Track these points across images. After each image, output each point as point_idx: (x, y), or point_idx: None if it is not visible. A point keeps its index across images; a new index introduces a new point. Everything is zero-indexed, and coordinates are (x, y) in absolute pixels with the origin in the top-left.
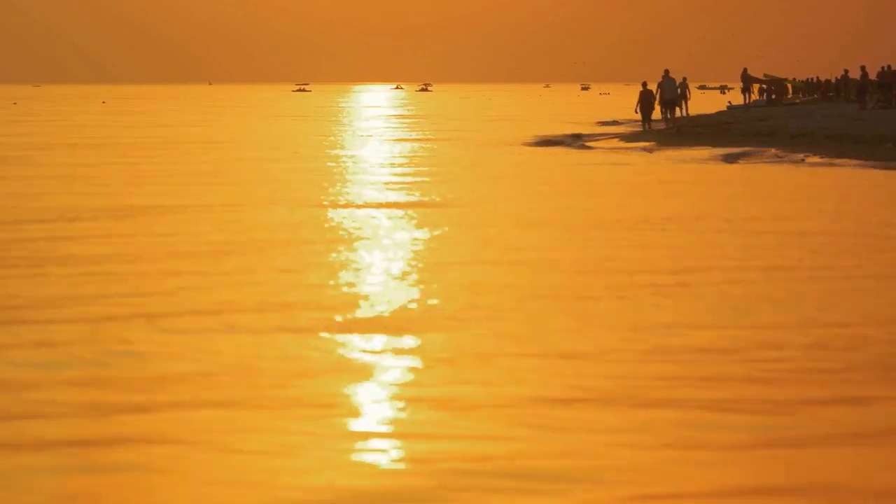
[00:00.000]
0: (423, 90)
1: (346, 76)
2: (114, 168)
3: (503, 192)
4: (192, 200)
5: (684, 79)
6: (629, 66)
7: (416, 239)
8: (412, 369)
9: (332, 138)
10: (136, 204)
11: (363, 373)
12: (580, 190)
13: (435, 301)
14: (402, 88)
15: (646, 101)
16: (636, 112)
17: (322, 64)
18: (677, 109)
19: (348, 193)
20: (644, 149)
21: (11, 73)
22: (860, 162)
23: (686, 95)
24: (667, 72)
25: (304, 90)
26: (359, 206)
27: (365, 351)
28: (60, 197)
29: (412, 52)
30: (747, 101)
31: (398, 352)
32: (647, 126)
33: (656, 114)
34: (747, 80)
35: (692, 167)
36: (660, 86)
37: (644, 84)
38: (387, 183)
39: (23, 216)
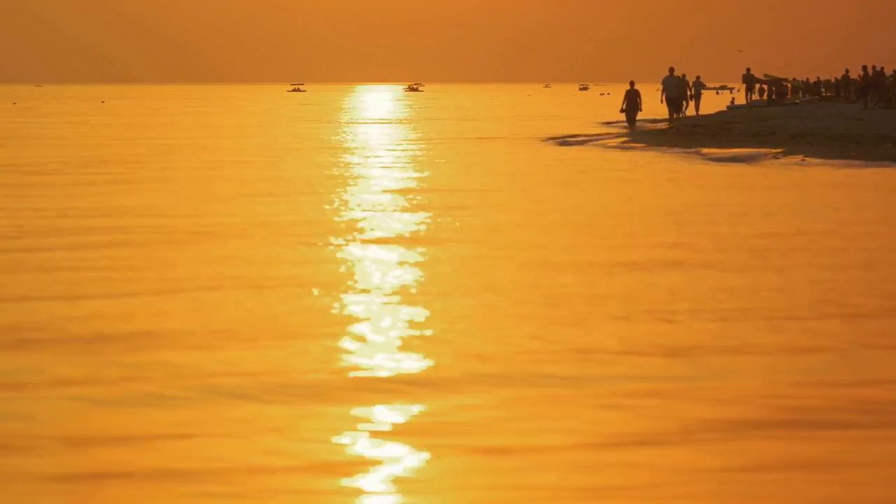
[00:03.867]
0: (413, 90)
1: (335, 76)
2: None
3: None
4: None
5: (697, 77)
6: (628, 65)
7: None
8: None
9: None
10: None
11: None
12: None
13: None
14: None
15: (631, 102)
16: (621, 112)
17: (318, 64)
18: (690, 108)
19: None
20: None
21: (11, 73)
22: (861, 162)
23: (699, 94)
24: (671, 69)
25: (299, 90)
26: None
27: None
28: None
29: (405, 52)
30: (748, 100)
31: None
32: (632, 127)
33: (643, 115)
34: (750, 81)
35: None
36: (663, 83)
37: (631, 83)
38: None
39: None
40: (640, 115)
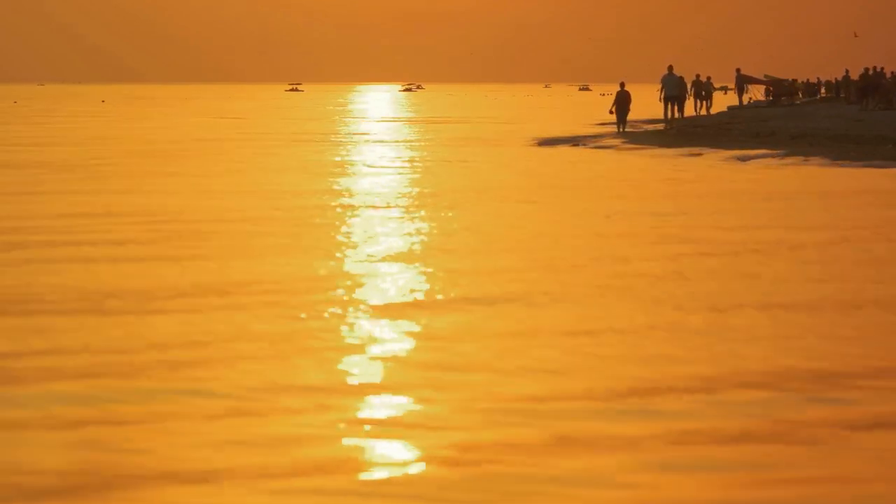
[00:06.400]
0: (409, 90)
1: (334, 76)
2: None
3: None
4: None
5: (708, 78)
6: (628, 65)
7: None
8: None
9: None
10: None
11: None
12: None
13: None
14: (422, 88)
15: (622, 103)
16: (609, 113)
17: (317, 64)
18: (703, 108)
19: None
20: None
21: (11, 72)
22: (861, 162)
23: (710, 95)
24: (670, 68)
25: (296, 90)
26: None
27: None
28: None
29: (405, 52)
30: (742, 101)
31: None
32: (621, 128)
33: (639, 115)
34: (741, 81)
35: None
36: (662, 82)
37: (621, 85)
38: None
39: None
40: (634, 116)
